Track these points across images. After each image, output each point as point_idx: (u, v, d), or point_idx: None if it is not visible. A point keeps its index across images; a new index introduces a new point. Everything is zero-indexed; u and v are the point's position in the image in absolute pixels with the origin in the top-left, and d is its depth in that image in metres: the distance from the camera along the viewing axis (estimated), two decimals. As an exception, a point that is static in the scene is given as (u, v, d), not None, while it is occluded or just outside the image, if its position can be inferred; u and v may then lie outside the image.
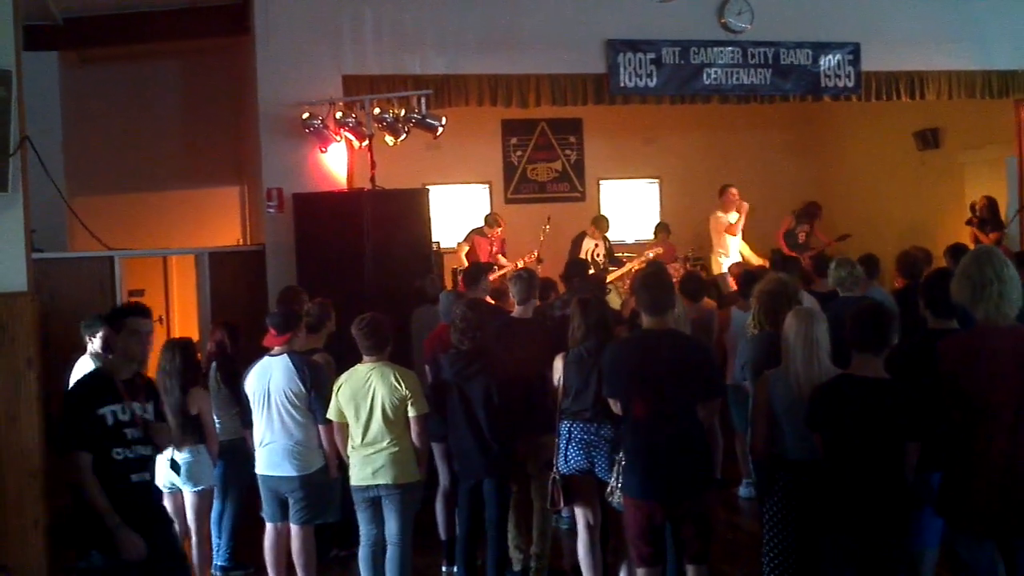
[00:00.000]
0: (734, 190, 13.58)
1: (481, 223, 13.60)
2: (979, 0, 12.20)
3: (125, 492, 5.38)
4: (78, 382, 5.97)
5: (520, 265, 13.05)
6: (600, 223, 13.53)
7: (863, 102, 12.28)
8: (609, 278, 12.55)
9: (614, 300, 11.19)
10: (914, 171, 15.48)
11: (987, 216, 13.04)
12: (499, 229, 13.40)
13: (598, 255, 13.30)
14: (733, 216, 13.51)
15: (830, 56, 11.70)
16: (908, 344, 5.83)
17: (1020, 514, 4.94)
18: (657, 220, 15.35)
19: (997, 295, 5.01)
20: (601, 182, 16.80)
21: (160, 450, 5.78)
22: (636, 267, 12.52)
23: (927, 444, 5.14)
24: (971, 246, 11.88)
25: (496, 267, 12.58)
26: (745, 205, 13.48)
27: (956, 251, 9.25)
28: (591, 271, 11.49)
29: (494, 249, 13.24)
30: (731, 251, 13.49)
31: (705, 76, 11.40)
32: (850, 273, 7.91)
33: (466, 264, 12.33)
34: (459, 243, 13.30)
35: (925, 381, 5.14)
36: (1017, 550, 5.04)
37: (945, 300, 5.50)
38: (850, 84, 11.81)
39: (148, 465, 5.57)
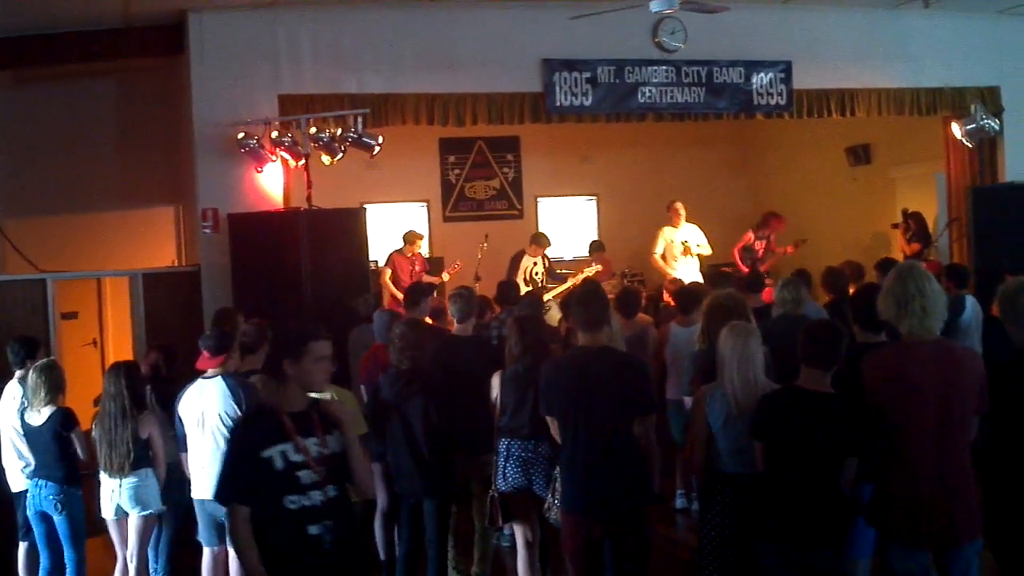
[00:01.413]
0: (677, 204, 13.65)
1: (400, 243, 13.52)
2: (907, 19, 12.42)
3: (302, 547, 4.56)
4: (240, 420, 5.35)
5: (446, 279, 13.10)
6: (540, 240, 13.57)
7: (795, 119, 12.44)
8: (549, 295, 12.62)
9: (555, 317, 11.25)
10: (846, 186, 15.74)
11: (914, 228, 13.27)
12: (418, 246, 13.37)
13: (536, 273, 13.33)
14: (687, 232, 13.56)
15: (762, 74, 11.87)
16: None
17: (950, 524, 5.02)
18: (594, 237, 15.44)
19: (920, 310, 5.09)
20: (539, 199, 16.90)
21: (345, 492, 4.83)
22: (576, 284, 12.58)
23: (861, 457, 5.23)
24: (898, 253, 12.16)
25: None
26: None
27: (886, 265, 9.38)
28: (522, 291, 11.56)
29: (416, 268, 13.21)
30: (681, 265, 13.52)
31: (640, 94, 11.52)
32: (794, 296, 7.95)
33: (391, 287, 12.28)
34: (381, 267, 13.18)
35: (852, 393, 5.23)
36: (949, 560, 5.12)
37: (872, 314, 5.60)
38: (782, 102, 11.98)
39: (328, 513, 4.61)
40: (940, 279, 7.91)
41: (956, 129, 12.45)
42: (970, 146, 12.56)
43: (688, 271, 13.24)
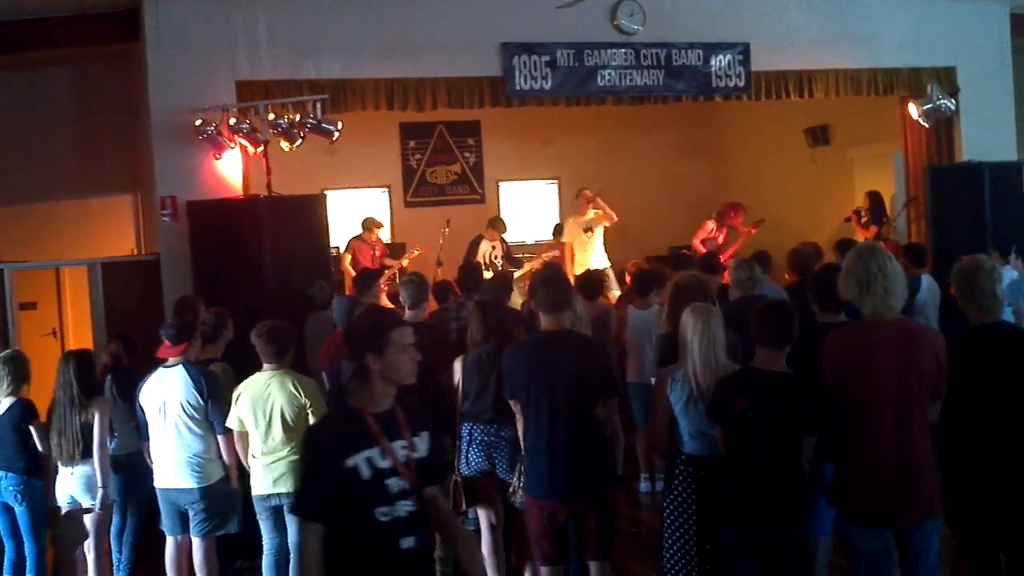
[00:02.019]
0: (587, 191, 13.75)
1: (359, 229, 13.51)
2: (864, 0, 12.49)
3: (394, 564, 4.10)
4: (315, 427, 4.82)
5: (405, 264, 13.11)
6: (497, 224, 13.59)
7: (754, 101, 12.49)
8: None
9: (516, 300, 11.25)
10: (805, 167, 15.82)
11: (871, 211, 13.36)
12: (377, 231, 13.36)
13: (496, 257, 13.35)
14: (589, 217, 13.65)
15: (721, 56, 11.89)
16: (798, 337, 5.97)
17: (910, 502, 5.08)
18: (556, 221, 15.47)
19: (883, 290, 5.13)
20: (500, 184, 16.91)
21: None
22: (535, 267, 12.63)
23: (821, 436, 5.27)
24: (859, 239, 12.23)
25: (385, 270, 12.64)
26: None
27: (844, 246, 9.44)
28: (486, 273, 11.59)
29: (376, 252, 13.20)
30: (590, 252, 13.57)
31: (599, 78, 11.52)
32: (750, 276, 8.00)
33: (352, 273, 12.27)
34: (342, 252, 13.18)
35: (812, 373, 5.28)
36: (909, 537, 5.18)
37: (832, 295, 5.65)
38: (740, 84, 12.02)
39: (419, 524, 4.19)
40: (898, 258, 8.00)
41: (913, 109, 12.54)
42: (927, 126, 12.66)
43: (596, 257, 13.26)
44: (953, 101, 12.49)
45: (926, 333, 5.35)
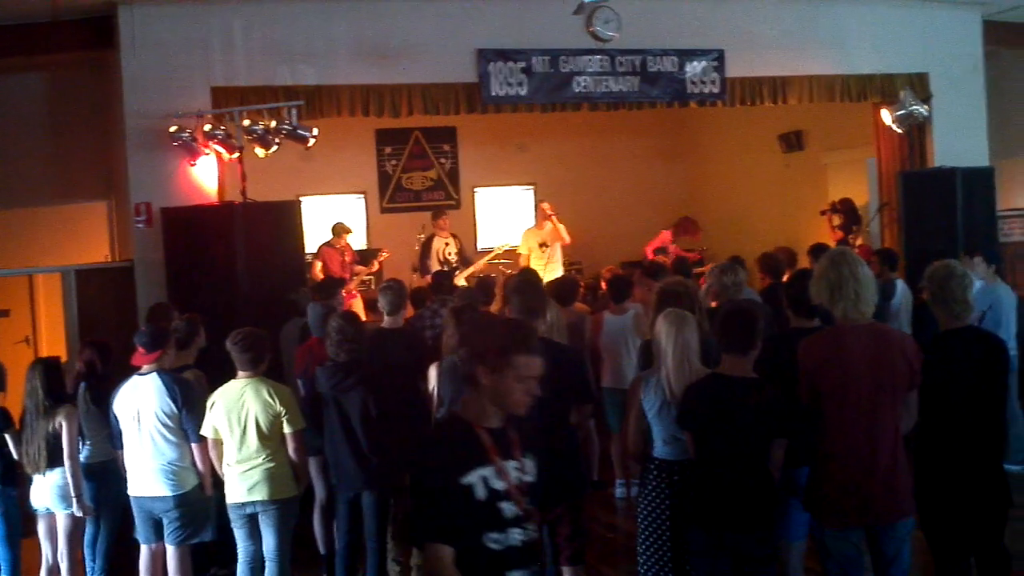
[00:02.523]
0: (544, 205, 13.78)
1: (329, 235, 13.47)
2: (837, 7, 12.55)
3: None
4: (427, 437, 4.24)
5: (375, 269, 13.10)
6: (436, 214, 13.56)
7: (729, 107, 12.55)
8: (462, 277, 12.69)
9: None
10: (779, 173, 15.92)
11: (844, 214, 13.46)
12: (347, 237, 13.35)
13: (449, 253, 13.33)
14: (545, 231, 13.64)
15: (695, 63, 11.93)
16: (771, 342, 6.01)
17: (882, 504, 5.12)
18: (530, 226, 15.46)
19: (854, 294, 5.17)
20: (476, 190, 16.91)
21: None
22: (486, 263, 12.71)
23: (794, 440, 5.30)
24: (830, 240, 12.32)
25: (353, 277, 12.65)
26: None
27: (818, 251, 9.51)
28: (451, 277, 11.64)
29: (346, 258, 13.18)
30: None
31: (575, 84, 11.54)
32: (734, 281, 7.99)
33: (321, 278, 12.23)
34: (312, 259, 13.13)
35: (785, 378, 5.31)
36: (881, 539, 5.22)
37: (806, 300, 5.69)
38: (715, 90, 12.06)
39: (531, 557, 3.82)
40: (871, 263, 8.05)
41: (886, 115, 12.61)
42: (900, 132, 12.71)
43: (551, 273, 13.24)
44: (926, 107, 12.56)
45: (897, 337, 5.39)
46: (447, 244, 13.37)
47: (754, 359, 5.34)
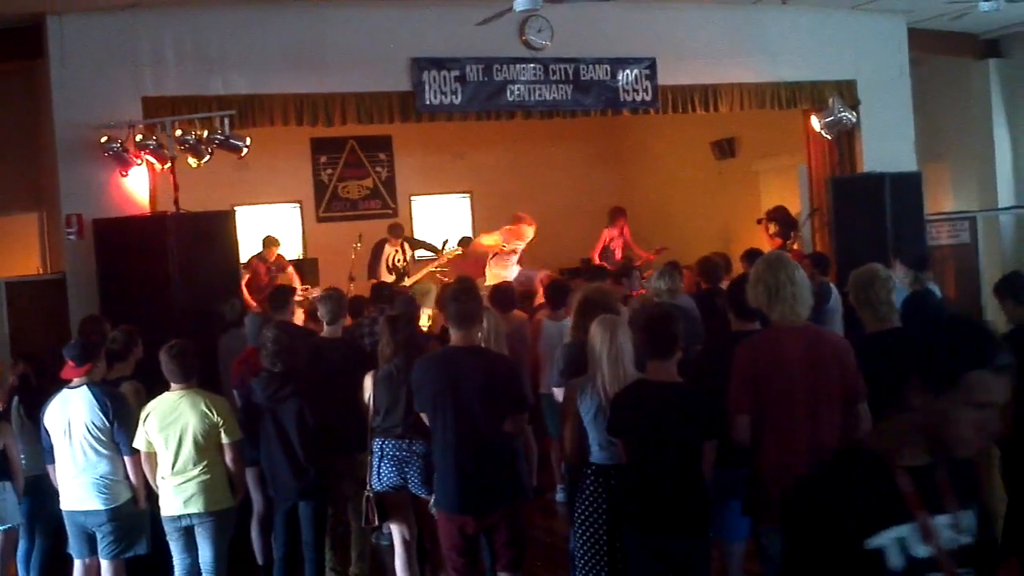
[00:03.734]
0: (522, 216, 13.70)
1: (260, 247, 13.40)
2: (767, 15, 12.71)
3: None
4: (813, 479, 2.90)
5: (299, 283, 13.06)
6: (395, 230, 13.57)
7: (661, 115, 12.66)
8: (408, 282, 12.70)
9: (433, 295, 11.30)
10: (713, 179, 16.11)
11: (779, 223, 13.63)
12: (276, 250, 13.29)
13: (398, 261, 13.34)
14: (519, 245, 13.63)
15: (628, 71, 12.04)
16: (712, 346, 6.08)
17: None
18: (467, 234, 15.51)
19: (791, 297, 5.25)
20: (413, 198, 16.94)
21: None
22: (432, 269, 12.75)
23: (724, 441, 5.36)
24: (767, 247, 12.45)
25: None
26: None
27: (752, 256, 9.63)
28: (385, 279, 11.62)
29: (273, 270, 13.12)
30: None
31: (508, 92, 11.59)
32: (670, 287, 8.08)
33: (245, 293, 12.11)
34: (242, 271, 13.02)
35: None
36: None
37: (747, 303, 5.76)
38: (648, 98, 12.17)
39: None
40: (803, 266, 8.16)
41: (815, 122, 12.80)
42: (829, 138, 12.91)
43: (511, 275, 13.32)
44: (854, 114, 12.77)
45: (831, 338, 5.47)
46: (396, 251, 13.37)
47: (677, 362, 5.41)
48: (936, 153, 14.59)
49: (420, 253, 14.50)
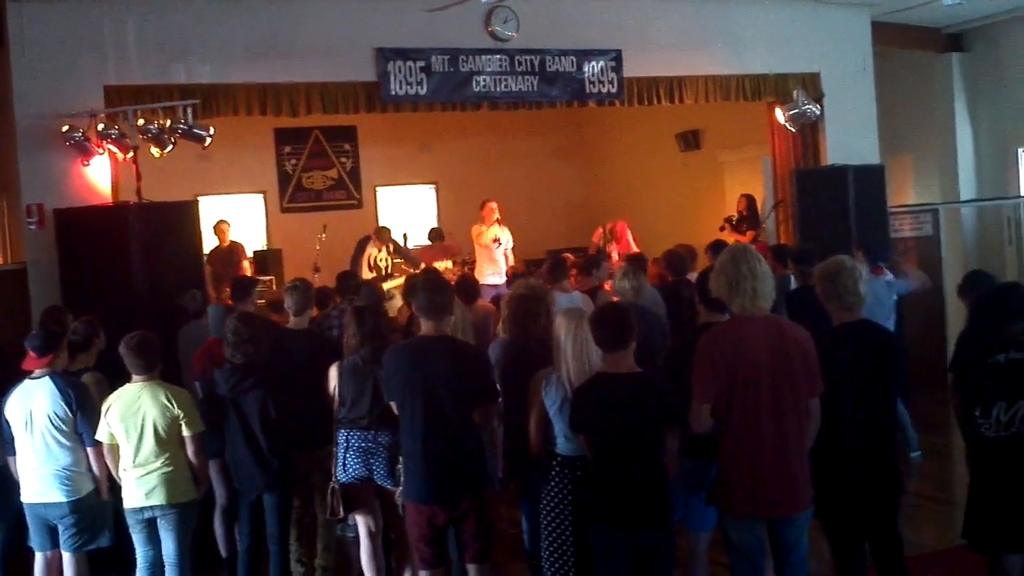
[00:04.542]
0: (492, 204, 13.73)
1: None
2: (732, 7, 12.73)
3: None
4: None
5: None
6: (382, 234, 13.55)
7: (626, 106, 12.67)
8: (390, 284, 12.64)
9: (396, 306, 11.23)
10: (678, 171, 16.17)
11: (746, 215, 13.73)
12: (228, 231, 13.28)
13: (381, 260, 13.31)
14: (495, 230, 13.64)
15: (593, 63, 12.03)
16: (681, 337, 6.08)
17: (785, 496, 5.24)
18: (433, 225, 15.48)
19: (751, 290, 5.25)
20: (378, 189, 16.89)
21: None
22: (414, 272, 12.61)
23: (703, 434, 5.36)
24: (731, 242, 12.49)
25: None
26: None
27: (716, 247, 9.67)
28: (369, 274, 11.57)
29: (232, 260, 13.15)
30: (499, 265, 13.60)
31: (474, 83, 11.55)
32: (633, 286, 8.04)
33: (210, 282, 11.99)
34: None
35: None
36: (782, 529, 5.32)
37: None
38: (613, 90, 12.16)
39: None
40: (767, 259, 8.19)
41: (780, 114, 12.85)
42: (793, 131, 12.96)
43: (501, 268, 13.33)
44: (818, 106, 12.82)
45: (793, 329, 5.47)
46: (380, 251, 13.33)
47: (633, 352, 5.40)
48: (899, 146, 14.71)
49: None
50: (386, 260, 13.29)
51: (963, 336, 6.47)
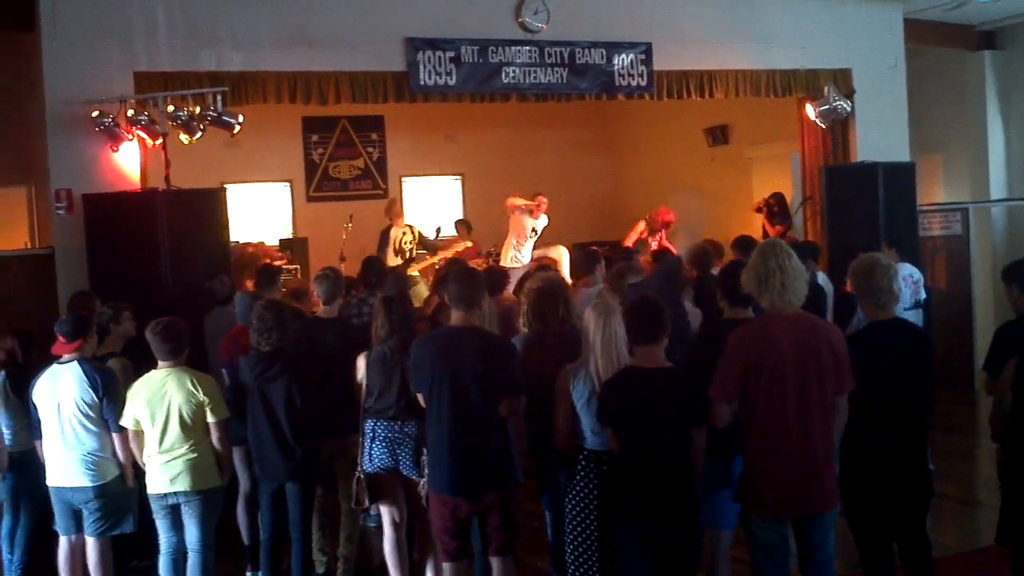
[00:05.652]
0: (543, 198, 13.73)
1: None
2: (763, 2, 12.66)
3: None
4: None
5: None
6: (390, 207, 13.52)
7: (656, 100, 12.60)
8: (417, 267, 12.64)
9: (421, 293, 11.22)
10: (705, 166, 16.09)
11: (776, 210, 13.66)
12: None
13: (407, 243, 13.30)
14: (542, 222, 13.61)
15: (623, 56, 11.97)
16: (706, 333, 6.05)
17: (813, 495, 5.20)
18: (460, 216, 15.47)
19: (780, 285, 5.21)
20: (404, 179, 16.88)
21: None
22: (442, 260, 12.63)
23: (729, 430, 5.33)
24: (759, 236, 12.43)
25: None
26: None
27: (742, 243, 9.61)
28: (392, 263, 11.53)
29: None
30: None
31: (503, 75, 11.51)
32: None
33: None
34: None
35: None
36: (809, 528, 5.28)
37: (739, 290, 5.73)
38: (643, 83, 12.10)
39: None
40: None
41: (810, 110, 12.76)
42: (823, 127, 12.88)
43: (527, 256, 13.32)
44: (849, 103, 12.73)
45: (822, 326, 5.44)
46: (404, 233, 13.32)
47: (665, 347, 5.38)
48: (930, 144, 14.58)
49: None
50: (410, 243, 13.25)
51: (1002, 331, 6.32)
